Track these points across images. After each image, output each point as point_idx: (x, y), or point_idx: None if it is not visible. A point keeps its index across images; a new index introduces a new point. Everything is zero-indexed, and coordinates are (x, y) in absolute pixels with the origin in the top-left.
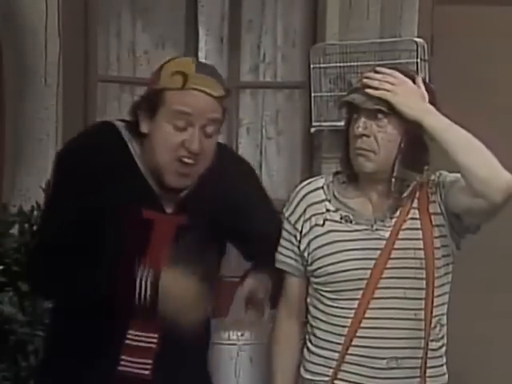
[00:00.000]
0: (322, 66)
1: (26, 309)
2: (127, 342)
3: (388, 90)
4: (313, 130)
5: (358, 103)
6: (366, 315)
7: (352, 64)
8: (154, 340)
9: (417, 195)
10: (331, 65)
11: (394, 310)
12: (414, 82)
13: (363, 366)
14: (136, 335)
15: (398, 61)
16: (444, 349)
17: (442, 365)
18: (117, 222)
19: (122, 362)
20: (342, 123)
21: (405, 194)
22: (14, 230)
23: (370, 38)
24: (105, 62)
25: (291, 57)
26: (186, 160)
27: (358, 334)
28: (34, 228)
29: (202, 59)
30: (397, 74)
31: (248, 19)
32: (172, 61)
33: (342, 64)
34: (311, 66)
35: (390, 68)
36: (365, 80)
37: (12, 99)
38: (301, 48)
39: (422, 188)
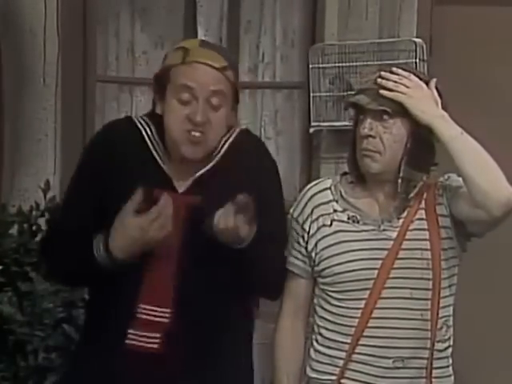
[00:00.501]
0: (320, 66)
1: (25, 309)
2: (137, 315)
3: (403, 93)
4: (312, 130)
5: (362, 104)
6: (373, 315)
7: (351, 64)
8: (166, 315)
9: (424, 196)
10: (330, 65)
11: (401, 310)
12: (428, 85)
13: (370, 365)
14: (147, 309)
15: (396, 61)
16: (450, 350)
17: (448, 366)
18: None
19: (130, 336)
20: (341, 123)
21: (411, 195)
22: (13, 231)
23: (368, 38)
24: (103, 62)
25: (290, 57)
26: (193, 133)
27: (364, 334)
28: (34, 228)
29: None
30: (412, 76)
31: (247, 19)
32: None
33: (340, 64)
34: (310, 66)
35: (404, 69)
36: (379, 80)
37: (11, 99)
38: (300, 48)
39: (429, 189)
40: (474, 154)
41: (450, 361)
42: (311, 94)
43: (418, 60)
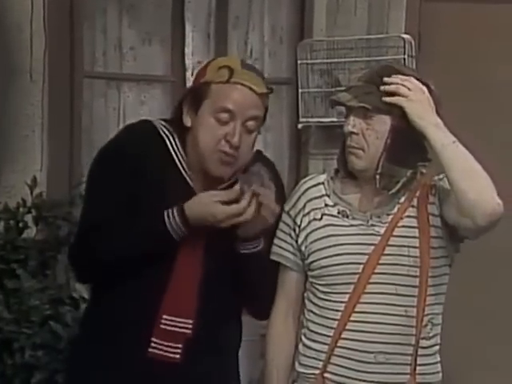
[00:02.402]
0: (309, 62)
1: (12, 306)
2: (161, 326)
3: (405, 95)
4: (300, 126)
5: (343, 101)
6: (356, 309)
7: (339, 60)
8: (189, 326)
9: (417, 194)
10: (318, 61)
11: (385, 305)
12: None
13: (351, 359)
14: (170, 320)
15: (385, 57)
16: (436, 348)
17: (434, 363)
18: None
19: (153, 345)
20: (330, 119)
21: (393, 190)
22: (0, 227)
23: (357, 34)
24: (91, 58)
25: (278, 53)
26: (227, 153)
27: (347, 328)
28: (20, 225)
29: (188, 55)
30: (413, 79)
31: (235, 15)
32: (218, 58)
33: (329, 60)
34: (298, 62)
35: (406, 74)
36: (382, 87)
37: None
38: (288, 44)
39: (423, 187)
40: (464, 163)
41: (437, 358)
42: (299, 90)
43: (406, 56)
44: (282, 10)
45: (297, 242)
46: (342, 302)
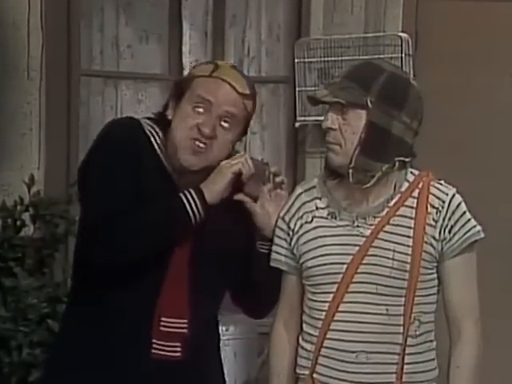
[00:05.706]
0: (306, 60)
1: (9, 304)
2: (160, 328)
3: None
4: (297, 124)
5: (319, 97)
6: (340, 309)
7: (336, 58)
8: (185, 325)
9: (407, 203)
10: (315, 59)
11: (365, 304)
12: None
13: (335, 359)
14: (168, 321)
15: (382, 56)
16: (428, 345)
17: (425, 361)
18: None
19: (154, 346)
20: None
21: (367, 185)
22: None
23: (354, 32)
24: (88, 56)
25: (275, 51)
26: (198, 142)
27: (331, 327)
28: (18, 223)
29: (185, 54)
30: None
31: (232, 14)
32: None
33: (326, 58)
34: (295, 60)
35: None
36: None
37: None
38: (285, 42)
39: (422, 191)
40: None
41: (430, 356)
42: (297, 89)
43: (403, 55)
44: (279, 9)
45: (290, 244)
46: (326, 301)
